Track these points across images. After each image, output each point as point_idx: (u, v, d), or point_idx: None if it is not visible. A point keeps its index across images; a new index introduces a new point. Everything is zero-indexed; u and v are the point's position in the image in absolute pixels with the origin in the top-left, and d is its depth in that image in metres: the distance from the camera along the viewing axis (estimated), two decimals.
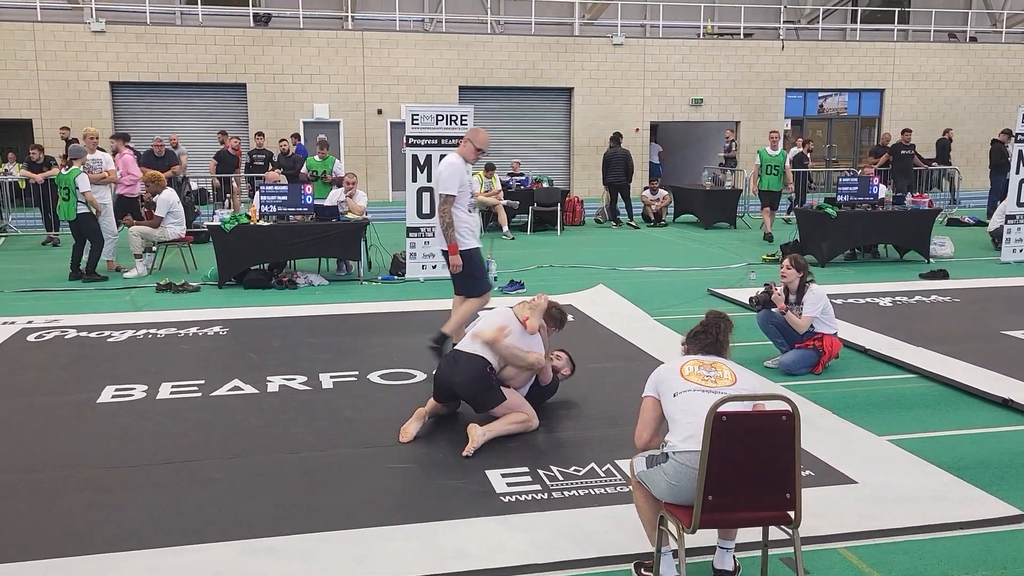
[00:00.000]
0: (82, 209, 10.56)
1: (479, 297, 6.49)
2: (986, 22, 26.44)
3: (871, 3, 25.63)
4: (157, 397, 5.88)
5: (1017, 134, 12.00)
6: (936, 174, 20.70)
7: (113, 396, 5.90)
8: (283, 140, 16.15)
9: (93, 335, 7.70)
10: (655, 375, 3.56)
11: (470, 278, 6.42)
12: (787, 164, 14.59)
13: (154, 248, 11.33)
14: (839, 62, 23.58)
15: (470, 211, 6.46)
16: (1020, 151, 11.94)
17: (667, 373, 3.50)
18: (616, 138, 17.17)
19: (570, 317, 6.42)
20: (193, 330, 7.89)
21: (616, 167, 16.69)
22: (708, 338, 3.63)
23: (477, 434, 4.90)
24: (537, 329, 5.41)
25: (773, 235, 14.06)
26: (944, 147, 19.90)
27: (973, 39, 25.33)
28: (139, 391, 6.00)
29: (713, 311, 3.82)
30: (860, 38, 24.55)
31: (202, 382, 6.21)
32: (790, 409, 3.04)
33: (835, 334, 6.58)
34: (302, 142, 17.86)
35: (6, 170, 15.46)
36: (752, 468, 3.07)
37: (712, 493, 3.03)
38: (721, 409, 3.00)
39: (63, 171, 10.71)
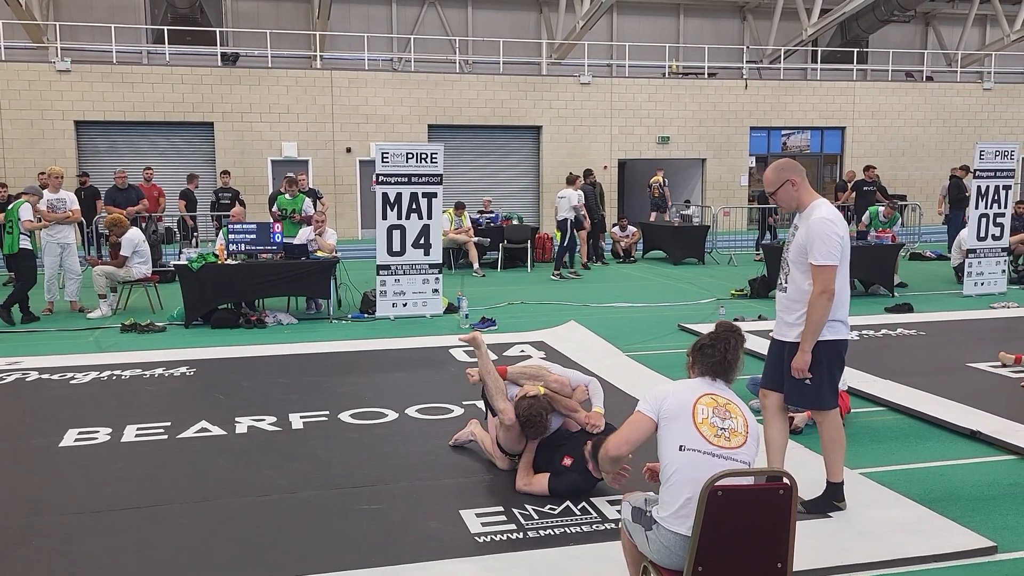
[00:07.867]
0: (24, 243, 10.40)
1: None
2: (941, 62, 27.19)
3: (830, 43, 26.25)
4: (122, 440, 5.76)
5: (975, 170, 12.29)
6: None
7: (76, 440, 5.76)
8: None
9: (55, 377, 7.54)
10: (661, 395, 3.27)
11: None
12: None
13: (117, 288, 11.16)
14: (801, 101, 24.08)
15: None
16: (978, 187, 12.22)
17: (677, 406, 3.20)
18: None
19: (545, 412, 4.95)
20: (159, 371, 7.76)
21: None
22: (716, 354, 3.33)
23: (466, 431, 5.58)
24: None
25: None
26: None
27: (929, 78, 26.02)
28: (103, 434, 5.87)
29: (724, 322, 3.53)
30: (821, 77, 25.10)
31: (168, 424, 6.09)
32: (788, 483, 2.98)
33: (846, 389, 6.28)
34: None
35: None
36: (746, 541, 3.00)
37: (702, 564, 2.96)
38: (717, 484, 2.91)
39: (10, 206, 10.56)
